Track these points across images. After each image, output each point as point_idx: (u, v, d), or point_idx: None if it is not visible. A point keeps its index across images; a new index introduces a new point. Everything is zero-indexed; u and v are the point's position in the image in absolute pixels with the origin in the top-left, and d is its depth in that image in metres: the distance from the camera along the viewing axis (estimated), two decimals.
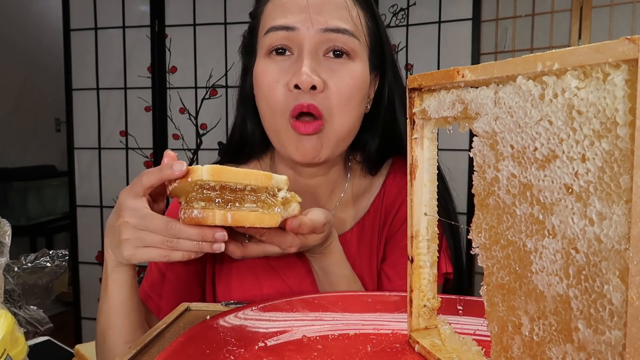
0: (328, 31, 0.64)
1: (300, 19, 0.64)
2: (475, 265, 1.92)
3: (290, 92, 0.64)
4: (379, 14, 0.73)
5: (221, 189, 0.50)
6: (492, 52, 2.03)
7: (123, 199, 0.54)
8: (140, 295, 0.69)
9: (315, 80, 0.63)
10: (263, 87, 0.67)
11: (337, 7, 0.66)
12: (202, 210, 0.49)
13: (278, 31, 0.65)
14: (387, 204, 0.77)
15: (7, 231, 0.48)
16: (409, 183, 0.49)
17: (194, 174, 0.50)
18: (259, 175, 0.50)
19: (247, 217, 0.50)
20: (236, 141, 0.79)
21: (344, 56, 0.66)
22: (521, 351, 0.35)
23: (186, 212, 0.51)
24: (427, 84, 0.44)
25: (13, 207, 3.09)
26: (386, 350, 0.49)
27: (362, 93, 0.68)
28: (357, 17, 0.67)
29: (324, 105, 0.65)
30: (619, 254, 0.26)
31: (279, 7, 0.67)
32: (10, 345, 0.40)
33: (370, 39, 0.71)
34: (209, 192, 0.50)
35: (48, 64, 3.46)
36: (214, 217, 0.49)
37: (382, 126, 0.75)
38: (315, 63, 0.65)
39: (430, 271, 0.50)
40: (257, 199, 0.51)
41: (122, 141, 2.33)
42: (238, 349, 0.48)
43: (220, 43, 2.23)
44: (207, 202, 0.50)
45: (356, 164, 0.79)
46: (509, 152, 0.34)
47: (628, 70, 0.25)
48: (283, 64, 0.66)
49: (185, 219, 0.51)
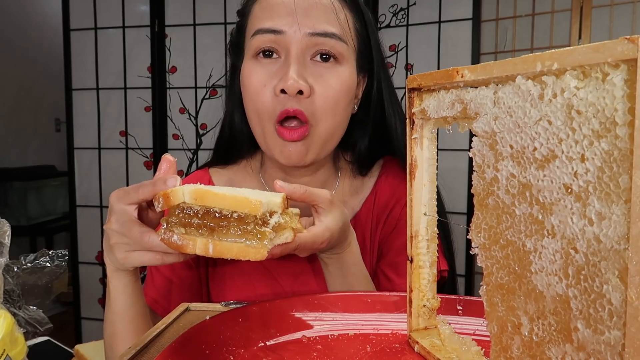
0: (315, 35, 0.64)
1: (287, 22, 0.64)
2: (475, 265, 1.91)
3: (276, 96, 0.64)
4: (368, 14, 0.73)
5: (205, 213, 0.45)
6: (492, 52, 2.03)
7: (113, 202, 0.53)
8: (148, 302, 0.69)
9: (301, 85, 0.63)
10: (250, 90, 0.67)
11: (325, 11, 0.65)
12: (182, 237, 0.45)
13: (265, 34, 0.65)
14: (380, 204, 0.76)
15: (7, 231, 0.48)
16: (409, 183, 0.49)
17: (175, 196, 0.45)
18: (246, 201, 0.44)
19: (229, 249, 0.45)
20: (226, 140, 0.79)
21: (331, 60, 0.66)
22: (521, 351, 0.35)
23: (166, 233, 0.46)
24: (426, 84, 0.44)
25: (13, 207, 3.09)
26: (386, 351, 0.49)
27: (349, 97, 0.68)
28: (344, 20, 0.67)
29: (311, 109, 0.65)
30: (618, 254, 0.26)
31: (266, 9, 0.66)
32: (10, 345, 0.40)
33: (358, 40, 0.70)
34: (190, 217, 0.45)
35: (48, 63, 3.46)
36: (194, 247, 0.45)
37: (372, 126, 0.75)
38: (302, 67, 0.65)
39: (430, 271, 0.50)
40: (243, 230, 0.45)
41: (122, 141, 2.33)
42: (238, 349, 0.48)
43: (220, 43, 2.23)
44: (188, 228, 0.46)
45: (346, 164, 0.79)
46: (509, 152, 0.34)
47: (627, 70, 0.25)
48: (270, 67, 0.66)
49: (164, 240, 0.46)
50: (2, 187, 3.08)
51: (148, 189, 0.50)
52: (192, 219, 0.45)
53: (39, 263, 0.56)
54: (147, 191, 0.50)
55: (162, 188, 0.48)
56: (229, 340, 0.49)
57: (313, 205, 0.59)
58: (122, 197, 0.52)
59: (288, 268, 0.73)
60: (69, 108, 2.34)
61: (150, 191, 0.50)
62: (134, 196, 0.51)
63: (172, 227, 0.46)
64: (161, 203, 0.47)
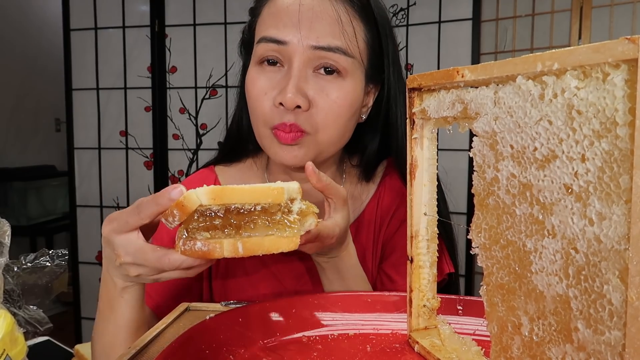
0: (319, 49, 0.63)
1: (291, 32, 0.64)
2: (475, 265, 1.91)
3: (275, 107, 0.64)
4: (384, 21, 0.71)
5: (226, 213, 0.42)
6: (492, 52, 2.03)
7: (109, 235, 0.48)
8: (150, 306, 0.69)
9: (299, 100, 0.62)
10: (251, 96, 0.67)
11: (331, 23, 0.64)
12: (206, 242, 0.42)
13: (269, 43, 0.65)
14: (384, 206, 0.77)
15: (7, 231, 0.48)
16: (409, 183, 0.49)
17: (190, 202, 0.41)
18: (268, 190, 0.42)
19: (261, 244, 0.43)
20: (233, 137, 0.79)
21: (334, 73, 0.65)
22: (521, 351, 0.35)
23: (187, 243, 0.43)
24: (426, 83, 0.44)
25: (13, 207, 3.08)
26: (386, 351, 0.49)
27: (351, 110, 0.67)
28: (352, 32, 0.66)
29: (308, 122, 0.65)
30: (618, 254, 0.26)
31: (273, 15, 0.66)
32: (10, 345, 0.40)
33: (368, 52, 0.69)
34: (212, 219, 0.42)
35: (48, 64, 3.46)
36: (222, 249, 0.42)
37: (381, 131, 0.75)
38: (303, 80, 0.64)
39: (430, 271, 0.50)
40: (271, 220, 0.43)
41: (122, 141, 2.33)
42: (238, 349, 0.48)
43: (220, 43, 2.23)
44: (212, 231, 0.42)
45: (351, 168, 0.79)
46: (509, 152, 0.34)
47: (628, 70, 0.25)
48: (273, 75, 0.66)
49: (187, 251, 0.43)
50: (2, 187, 3.08)
51: (151, 209, 0.45)
52: (215, 221, 0.42)
53: (39, 263, 0.56)
54: (151, 212, 0.45)
55: (168, 203, 0.43)
56: (229, 340, 0.49)
57: (328, 198, 0.59)
58: (118, 228, 0.47)
59: (291, 268, 0.73)
60: (69, 108, 2.34)
61: (154, 211, 0.45)
62: (136, 221, 0.46)
63: (193, 235, 0.43)
64: (177, 216, 0.42)
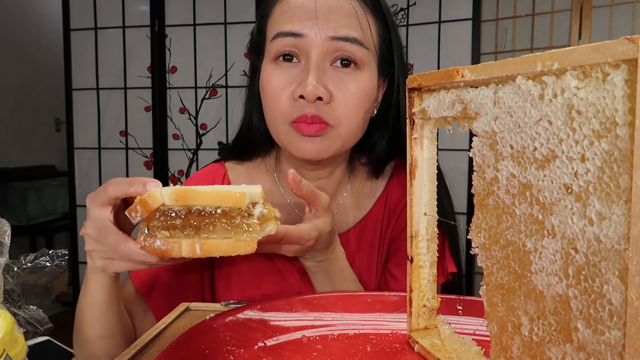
0: (336, 39, 0.64)
1: (308, 25, 0.64)
2: (475, 265, 1.91)
3: (295, 101, 0.64)
4: (391, 16, 0.72)
5: (187, 214, 0.43)
6: (492, 52, 2.03)
7: (88, 205, 0.49)
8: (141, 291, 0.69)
9: (321, 91, 0.62)
10: (268, 94, 0.67)
11: (347, 15, 0.65)
12: (165, 241, 0.43)
13: (285, 37, 0.65)
14: (391, 205, 0.77)
15: (7, 231, 0.48)
16: (409, 183, 0.49)
17: (153, 200, 0.42)
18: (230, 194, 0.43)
19: (218, 246, 0.43)
20: (244, 139, 0.79)
21: (351, 65, 0.65)
22: (521, 351, 0.35)
23: (147, 240, 0.43)
24: (426, 83, 0.44)
25: (13, 207, 3.08)
26: (386, 350, 0.49)
27: (369, 102, 0.68)
28: (366, 25, 0.66)
29: (330, 115, 0.65)
30: (618, 254, 0.26)
31: (287, 12, 0.66)
32: (10, 345, 0.40)
33: (380, 45, 0.70)
34: (173, 219, 0.43)
35: (48, 64, 3.46)
36: (180, 249, 0.43)
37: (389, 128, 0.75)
38: (322, 73, 0.64)
39: (430, 271, 0.50)
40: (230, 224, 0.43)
41: (122, 141, 2.34)
42: (238, 349, 0.48)
43: (220, 43, 2.23)
44: (172, 231, 0.43)
45: (360, 166, 0.80)
46: (509, 152, 0.34)
47: (628, 70, 0.25)
48: (290, 71, 0.65)
49: (146, 247, 0.44)
50: (2, 187, 3.08)
51: (120, 188, 0.46)
52: (175, 221, 0.43)
53: (39, 263, 0.56)
54: (120, 190, 0.46)
55: (139, 191, 0.45)
56: (229, 340, 0.49)
57: (310, 205, 0.61)
58: (93, 197, 0.49)
59: (295, 265, 0.73)
60: (69, 108, 2.34)
61: (122, 190, 0.46)
62: (103, 195, 0.47)
63: (154, 232, 0.43)
64: (139, 212, 0.43)
